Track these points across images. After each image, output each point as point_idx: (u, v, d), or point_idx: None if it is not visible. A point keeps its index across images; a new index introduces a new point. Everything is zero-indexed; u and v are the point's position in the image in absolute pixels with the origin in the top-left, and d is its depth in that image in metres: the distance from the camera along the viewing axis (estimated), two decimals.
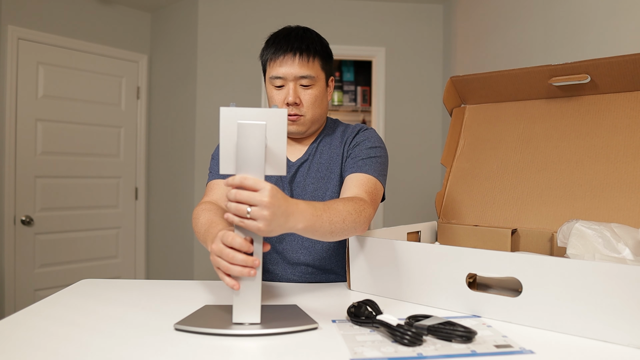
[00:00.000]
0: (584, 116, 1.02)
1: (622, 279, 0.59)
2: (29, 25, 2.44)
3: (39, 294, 2.49)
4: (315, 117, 1.04)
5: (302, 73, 1.00)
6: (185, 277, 2.74)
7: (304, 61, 1.00)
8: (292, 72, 1.00)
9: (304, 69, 1.00)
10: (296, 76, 1.00)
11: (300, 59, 1.00)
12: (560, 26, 1.61)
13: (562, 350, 0.58)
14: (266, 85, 1.06)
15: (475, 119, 1.20)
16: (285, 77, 1.00)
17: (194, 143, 2.70)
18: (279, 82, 1.01)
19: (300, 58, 1.00)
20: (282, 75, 1.00)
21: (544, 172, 1.04)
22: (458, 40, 2.55)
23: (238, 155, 0.64)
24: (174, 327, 0.65)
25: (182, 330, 0.64)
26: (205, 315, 0.70)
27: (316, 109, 1.04)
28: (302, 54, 1.00)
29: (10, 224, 2.38)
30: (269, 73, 1.03)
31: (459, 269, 0.73)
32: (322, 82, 1.05)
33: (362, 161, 1.00)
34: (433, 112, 2.80)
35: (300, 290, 0.90)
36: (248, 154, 0.64)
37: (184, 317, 0.68)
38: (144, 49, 2.97)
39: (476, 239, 1.03)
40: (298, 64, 1.00)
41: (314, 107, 1.03)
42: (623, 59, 0.91)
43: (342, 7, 2.77)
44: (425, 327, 0.61)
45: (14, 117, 2.39)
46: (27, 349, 0.57)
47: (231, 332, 0.63)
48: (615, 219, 0.90)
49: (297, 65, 1.00)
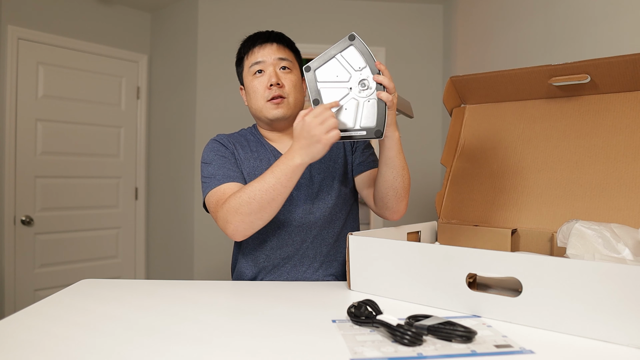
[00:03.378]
0: (584, 116, 1.02)
1: (622, 279, 0.59)
2: (29, 25, 2.44)
3: (39, 294, 2.49)
4: (297, 102, 1.08)
5: (281, 55, 1.06)
6: (185, 277, 2.74)
7: (281, 47, 1.07)
8: (272, 54, 1.05)
9: (282, 53, 1.07)
10: (275, 58, 1.05)
11: (278, 45, 1.07)
12: (560, 26, 1.61)
13: (562, 350, 0.58)
14: (245, 81, 1.09)
15: (475, 119, 1.20)
16: (264, 61, 1.04)
17: (194, 143, 2.70)
18: (258, 66, 1.04)
19: (278, 44, 1.07)
20: (262, 59, 1.04)
21: (544, 172, 1.04)
22: (458, 40, 2.55)
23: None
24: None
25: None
26: None
27: (297, 94, 1.07)
28: (279, 41, 1.07)
29: (10, 224, 2.38)
30: (248, 63, 1.06)
31: (459, 269, 0.73)
32: (298, 72, 1.09)
33: (373, 155, 1.15)
34: (433, 112, 2.80)
35: (300, 290, 0.90)
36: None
37: None
38: (144, 49, 2.97)
39: (476, 239, 1.03)
40: (276, 48, 1.06)
41: (295, 91, 1.07)
42: (623, 59, 0.91)
43: (342, 7, 2.77)
44: (425, 327, 0.61)
45: (14, 117, 2.39)
46: (27, 349, 0.57)
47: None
48: (615, 219, 0.90)
49: (275, 49, 1.06)
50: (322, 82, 0.90)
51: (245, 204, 0.90)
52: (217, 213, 0.96)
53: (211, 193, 1.00)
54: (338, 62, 0.89)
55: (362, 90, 0.87)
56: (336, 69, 0.89)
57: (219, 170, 1.02)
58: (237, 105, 2.69)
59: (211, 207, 1.00)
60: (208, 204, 1.02)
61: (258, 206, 0.89)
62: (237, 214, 0.91)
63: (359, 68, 0.88)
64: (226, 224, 0.93)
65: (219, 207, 0.95)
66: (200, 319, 0.70)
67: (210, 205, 1.01)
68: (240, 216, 0.90)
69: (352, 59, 0.88)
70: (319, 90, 0.90)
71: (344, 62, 0.89)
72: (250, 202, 0.89)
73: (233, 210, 0.91)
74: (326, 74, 0.90)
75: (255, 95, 1.06)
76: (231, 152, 1.07)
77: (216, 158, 1.04)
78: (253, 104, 1.07)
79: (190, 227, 2.71)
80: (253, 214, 0.90)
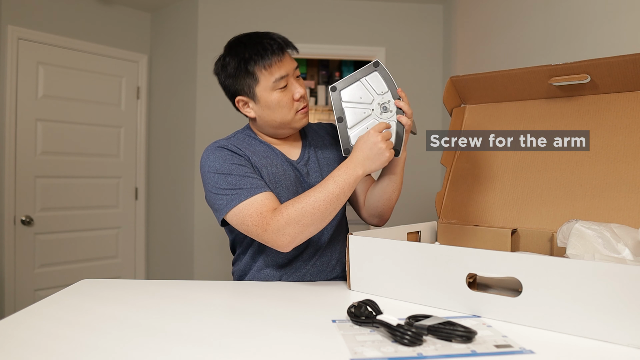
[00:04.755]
0: (584, 116, 1.02)
1: (622, 279, 0.59)
2: (29, 25, 2.44)
3: (39, 294, 2.48)
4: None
5: (294, 64, 1.02)
6: (185, 277, 2.74)
7: (288, 52, 1.02)
8: (290, 65, 1.01)
9: (294, 61, 1.03)
10: (293, 69, 1.01)
11: (289, 52, 1.02)
12: (560, 26, 1.61)
13: (562, 350, 0.58)
14: (259, 95, 0.99)
15: (475, 119, 1.20)
16: (288, 75, 0.99)
17: (194, 143, 2.70)
18: (284, 81, 0.99)
19: (289, 51, 1.02)
20: (287, 73, 0.99)
21: (544, 172, 1.04)
22: (458, 40, 2.55)
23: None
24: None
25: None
26: None
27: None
28: (287, 47, 1.01)
29: (10, 224, 2.38)
30: (269, 79, 0.97)
31: (459, 269, 0.73)
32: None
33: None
34: (433, 112, 2.80)
35: (300, 290, 0.90)
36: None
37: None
38: (144, 49, 2.97)
39: (476, 239, 1.03)
40: (289, 57, 1.02)
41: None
42: (623, 59, 0.91)
43: (342, 7, 2.77)
44: (425, 327, 0.61)
45: (14, 117, 2.39)
46: (27, 349, 0.57)
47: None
48: (615, 219, 0.90)
49: (290, 58, 1.02)
50: (346, 102, 0.99)
51: (308, 214, 0.87)
52: (264, 225, 0.89)
53: (243, 206, 0.91)
54: (362, 85, 0.98)
55: (383, 112, 0.96)
56: (360, 92, 0.98)
57: (243, 181, 0.93)
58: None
59: (247, 220, 0.90)
60: (238, 217, 0.92)
61: (321, 216, 0.88)
62: (297, 225, 0.87)
63: (381, 92, 0.97)
64: (280, 236, 0.88)
65: (267, 219, 0.89)
66: (200, 319, 0.70)
67: (244, 218, 0.91)
68: (300, 227, 0.87)
69: (376, 83, 0.97)
70: (343, 109, 0.98)
71: (367, 86, 0.98)
72: (314, 213, 0.87)
73: (293, 221, 0.87)
74: (350, 95, 0.98)
75: (281, 109, 0.99)
76: (247, 160, 0.98)
77: (234, 167, 0.95)
78: (278, 118, 1.00)
79: (190, 227, 2.71)
80: (314, 224, 0.88)
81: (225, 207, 0.93)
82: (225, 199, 0.93)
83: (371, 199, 1.10)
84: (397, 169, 1.04)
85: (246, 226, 0.91)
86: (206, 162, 0.98)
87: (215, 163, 0.96)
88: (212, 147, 1.00)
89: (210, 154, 0.98)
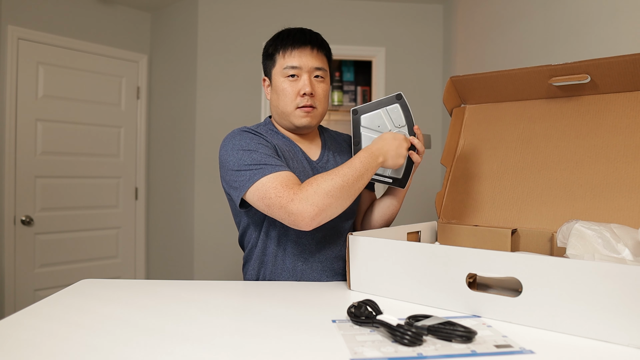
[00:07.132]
0: (584, 116, 1.02)
1: (622, 279, 0.59)
2: (29, 25, 2.44)
3: (39, 294, 2.49)
4: (324, 112, 1.08)
5: (317, 65, 1.03)
6: (185, 277, 2.74)
7: (320, 54, 1.05)
8: (309, 63, 1.02)
9: (319, 62, 1.04)
10: (312, 67, 1.03)
11: (317, 52, 1.04)
12: (560, 26, 1.61)
13: (562, 350, 0.58)
14: (274, 78, 1.05)
15: (475, 119, 1.20)
16: (301, 67, 1.02)
17: (194, 143, 2.70)
18: (293, 71, 1.02)
19: (317, 51, 1.04)
20: (299, 65, 1.02)
21: (544, 172, 1.04)
22: (458, 40, 2.55)
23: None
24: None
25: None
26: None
27: (325, 104, 1.07)
28: (318, 48, 1.04)
29: (10, 224, 2.38)
30: (282, 63, 1.03)
31: (459, 269, 0.73)
32: (329, 80, 1.09)
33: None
34: (433, 112, 2.80)
35: (300, 290, 0.90)
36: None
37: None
38: (144, 49, 2.97)
39: (476, 239, 1.03)
40: (315, 56, 1.04)
41: (324, 101, 1.07)
42: (623, 59, 0.91)
43: (342, 7, 2.77)
44: (425, 327, 0.61)
45: (14, 117, 2.39)
46: (27, 349, 0.57)
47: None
48: (615, 219, 0.90)
49: (314, 57, 1.03)
50: (365, 127, 1.05)
51: (338, 187, 0.87)
52: (290, 195, 0.86)
53: (267, 179, 0.88)
54: (382, 114, 1.03)
55: None
56: (379, 120, 1.04)
57: (269, 159, 0.92)
58: (238, 105, 2.69)
59: (270, 192, 0.88)
60: (260, 191, 0.89)
61: (348, 191, 0.89)
62: (327, 197, 0.85)
63: (398, 125, 1.03)
64: (308, 206, 0.84)
65: (294, 189, 0.87)
66: (200, 318, 0.70)
67: (267, 191, 0.88)
68: (328, 199, 0.85)
69: (395, 115, 1.03)
70: (361, 133, 1.05)
71: (386, 116, 1.03)
72: (343, 186, 0.87)
73: (324, 192, 0.85)
74: (369, 122, 1.05)
75: (284, 98, 1.02)
76: (274, 147, 0.99)
77: (261, 147, 0.95)
78: (280, 106, 1.04)
79: (190, 227, 2.71)
80: (343, 198, 0.88)
81: (248, 181, 0.90)
82: (248, 174, 0.91)
83: (371, 215, 1.17)
84: (401, 193, 1.13)
85: (269, 199, 0.87)
86: (230, 141, 0.97)
87: (241, 142, 0.96)
88: (238, 130, 1.01)
89: (237, 135, 0.99)
